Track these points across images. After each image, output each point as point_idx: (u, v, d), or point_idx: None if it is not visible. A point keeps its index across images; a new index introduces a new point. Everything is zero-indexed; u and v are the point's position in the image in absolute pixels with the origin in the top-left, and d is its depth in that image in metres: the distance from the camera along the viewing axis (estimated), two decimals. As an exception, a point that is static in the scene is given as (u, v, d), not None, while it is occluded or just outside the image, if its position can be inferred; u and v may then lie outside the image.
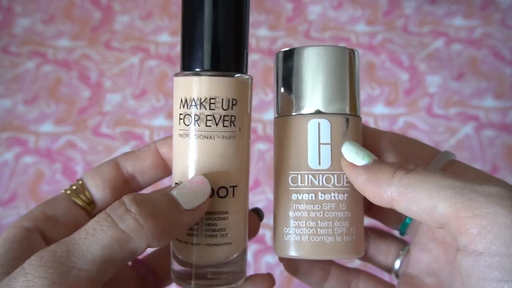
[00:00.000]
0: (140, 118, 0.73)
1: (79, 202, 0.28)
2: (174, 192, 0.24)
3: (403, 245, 0.32)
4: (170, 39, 0.81)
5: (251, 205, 0.29)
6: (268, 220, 0.31)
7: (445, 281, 0.28)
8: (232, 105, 0.26)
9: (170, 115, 0.72)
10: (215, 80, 0.25)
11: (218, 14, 0.25)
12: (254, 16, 0.84)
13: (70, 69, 0.78)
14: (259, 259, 0.61)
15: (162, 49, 0.80)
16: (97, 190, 0.28)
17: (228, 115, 0.26)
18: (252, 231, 0.30)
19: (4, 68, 0.78)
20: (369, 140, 0.30)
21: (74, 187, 0.29)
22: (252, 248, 0.62)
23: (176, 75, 0.27)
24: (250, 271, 0.31)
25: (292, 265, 0.30)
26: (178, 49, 0.52)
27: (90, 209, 0.28)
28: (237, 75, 0.26)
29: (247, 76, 0.27)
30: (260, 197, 0.65)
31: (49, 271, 0.20)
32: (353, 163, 0.26)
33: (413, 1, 0.84)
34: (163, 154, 0.29)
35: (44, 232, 0.26)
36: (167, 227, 0.23)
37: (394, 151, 0.29)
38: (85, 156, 0.69)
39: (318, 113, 0.28)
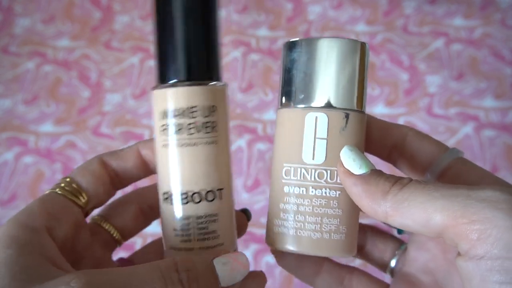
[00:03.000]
0: (140, 118, 0.73)
1: (75, 200, 0.28)
2: (217, 267, 0.24)
3: (400, 245, 0.32)
4: (170, 39, 0.81)
5: (252, 205, 0.29)
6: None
7: (442, 280, 0.28)
8: (212, 111, 0.27)
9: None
10: (193, 90, 0.27)
11: (188, 28, 0.27)
12: (254, 16, 0.84)
13: (70, 69, 0.78)
14: (259, 259, 0.61)
15: (162, 49, 0.80)
16: (89, 186, 0.28)
17: (209, 121, 0.27)
18: (240, 230, 0.31)
19: (4, 68, 0.78)
20: (376, 133, 0.29)
21: (63, 185, 0.28)
22: (252, 248, 0.62)
23: (154, 88, 0.28)
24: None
25: (283, 259, 0.30)
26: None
27: (84, 205, 0.28)
28: (213, 83, 0.27)
29: (222, 83, 0.28)
30: (260, 197, 0.65)
31: None
32: (349, 171, 0.25)
33: (413, 1, 0.84)
34: (144, 156, 0.30)
35: (50, 231, 0.26)
36: None
37: (402, 146, 0.29)
38: (85, 156, 0.69)
39: (317, 106, 0.27)
